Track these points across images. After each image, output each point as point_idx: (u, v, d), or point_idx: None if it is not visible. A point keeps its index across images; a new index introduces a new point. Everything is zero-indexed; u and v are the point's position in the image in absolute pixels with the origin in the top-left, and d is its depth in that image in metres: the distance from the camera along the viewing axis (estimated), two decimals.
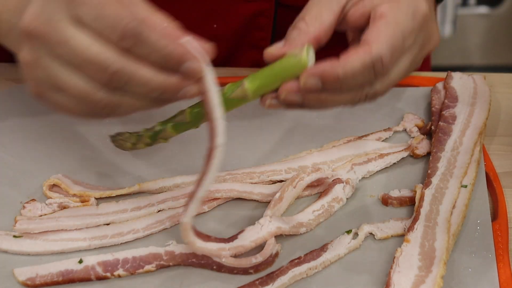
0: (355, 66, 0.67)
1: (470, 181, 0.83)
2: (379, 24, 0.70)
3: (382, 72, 0.69)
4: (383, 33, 0.69)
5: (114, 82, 0.64)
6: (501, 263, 0.75)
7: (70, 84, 0.65)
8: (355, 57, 0.67)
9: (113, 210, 0.82)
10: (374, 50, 0.68)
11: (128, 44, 0.63)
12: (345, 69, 0.67)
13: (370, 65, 0.68)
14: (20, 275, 0.75)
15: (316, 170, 0.84)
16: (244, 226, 0.80)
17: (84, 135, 0.93)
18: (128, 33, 0.62)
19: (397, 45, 0.69)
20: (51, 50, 0.64)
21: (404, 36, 0.70)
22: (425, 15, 0.73)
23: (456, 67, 1.08)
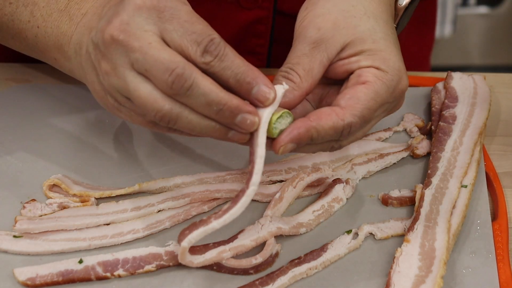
0: (326, 130, 0.70)
1: (470, 181, 0.83)
2: (358, 91, 0.72)
3: (348, 135, 0.72)
4: (360, 103, 0.71)
5: (176, 86, 0.65)
6: (501, 263, 0.75)
7: (139, 92, 0.67)
8: (328, 122, 0.70)
9: (113, 210, 0.82)
10: (347, 119, 0.71)
11: (209, 59, 0.66)
12: (318, 132, 0.70)
13: (340, 130, 0.71)
14: (20, 275, 0.75)
15: (316, 170, 0.84)
16: (244, 226, 0.80)
17: (84, 135, 0.93)
18: (211, 48, 0.66)
19: (369, 115, 0.72)
20: (128, 57, 0.67)
21: (378, 108, 0.73)
22: (404, 91, 0.75)
23: (456, 67, 1.08)
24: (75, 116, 0.95)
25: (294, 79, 0.72)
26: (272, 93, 0.68)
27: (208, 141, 0.91)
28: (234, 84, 0.67)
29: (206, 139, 0.92)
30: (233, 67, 0.67)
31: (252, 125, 0.68)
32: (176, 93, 0.66)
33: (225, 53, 0.67)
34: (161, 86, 0.66)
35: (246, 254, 0.77)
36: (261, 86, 0.68)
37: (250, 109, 0.68)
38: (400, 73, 0.74)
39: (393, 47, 0.75)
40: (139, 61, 0.66)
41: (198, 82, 0.66)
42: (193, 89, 0.66)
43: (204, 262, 0.74)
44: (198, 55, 0.66)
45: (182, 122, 0.68)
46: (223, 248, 0.75)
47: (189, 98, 0.66)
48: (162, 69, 0.65)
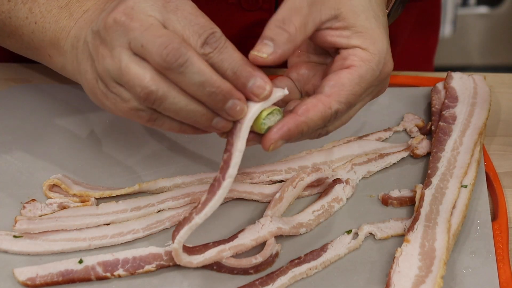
0: (316, 121, 0.70)
1: (470, 181, 0.83)
2: (342, 77, 0.72)
3: (334, 120, 0.73)
4: (344, 89, 0.71)
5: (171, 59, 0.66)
6: (501, 263, 0.75)
7: (128, 70, 0.67)
8: (316, 113, 0.70)
9: (113, 210, 0.82)
10: (334, 106, 0.71)
11: (208, 51, 0.67)
12: (308, 125, 0.70)
13: (328, 118, 0.71)
14: (20, 275, 0.75)
15: (316, 170, 0.84)
16: (244, 226, 0.80)
17: (84, 135, 0.93)
18: (211, 40, 0.67)
19: (354, 100, 0.72)
20: (126, 37, 0.67)
21: (363, 92, 0.73)
22: (389, 73, 0.75)
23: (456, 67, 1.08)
24: (75, 116, 0.95)
25: (289, 29, 0.70)
26: (268, 87, 0.68)
27: (208, 141, 0.91)
28: (232, 76, 0.68)
29: (205, 138, 0.92)
30: (231, 60, 0.67)
31: (241, 112, 0.69)
32: (169, 67, 0.66)
33: (224, 46, 0.67)
34: (155, 60, 0.66)
35: (246, 254, 0.77)
36: (258, 80, 0.68)
37: (241, 96, 0.68)
38: (387, 56, 0.74)
39: (383, 29, 0.74)
40: (137, 38, 0.67)
41: (193, 61, 0.66)
42: (187, 67, 0.66)
43: (204, 262, 0.74)
44: (198, 45, 0.67)
45: (168, 103, 0.68)
46: (223, 247, 0.75)
47: (182, 76, 0.66)
48: (158, 43, 0.66)
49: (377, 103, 0.96)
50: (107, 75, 0.70)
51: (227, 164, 0.69)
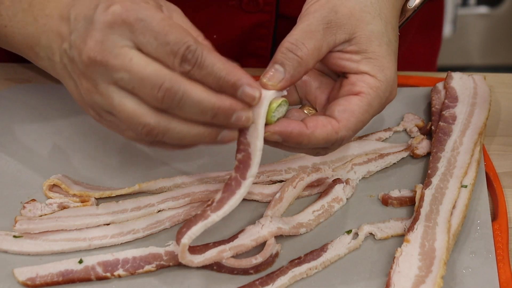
0: (319, 140, 0.70)
1: (470, 181, 0.83)
2: (352, 103, 0.72)
3: (338, 145, 0.73)
4: (354, 116, 0.71)
5: (167, 100, 0.65)
6: (501, 263, 0.75)
7: (123, 107, 0.66)
8: (322, 132, 0.70)
9: (113, 210, 0.82)
10: (341, 132, 0.71)
11: (187, 69, 0.65)
12: (310, 140, 0.70)
13: (332, 141, 0.71)
14: (20, 275, 0.75)
15: (316, 170, 0.84)
16: (244, 226, 0.80)
17: (84, 135, 0.92)
18: (188, 57, 0.65)
19: (361, 127, 0.73)
20: (110, 76, 0.66)
21: (370, 119, 0.74)
22: (391, 100, 0.76)
23: (456, 67, 1.08)
24: (75, 116, 0.95)
25: (302, 54, 0.70)
26: (257, 93, 0.67)
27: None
28: (218, 88, 0.66)
29: None
30: (213, 73, 0.66)
31: (247, 121, 0.68)
32: (168, 107, 0.65)
33: (203, 59, 0.65)
34: (151, 102, 0.65)
35: (246, 254, 0.77)
36: (245, 88, 0.67)
37: (243, 106, 0.67)
38: (393, 84, 0.74)
39: (393, 56, 0.75)
40: (125, 79, 0.65)
41: (188, 93, 0.65)
42: (185, 100, 0.65)
43: (204, 262, 0.74)
44: (176, 66, 0.65)
45: (172, 133, 0.67)
46: (223, 247, 0.75)
47: (181, 110, 0.66)
48: (150, 85, 0.65)
49: None
50: (97, 107, 0.69)
51: (246, 164, 0.69)
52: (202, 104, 0.66)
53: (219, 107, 0.66)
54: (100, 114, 0.70)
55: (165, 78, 0.65)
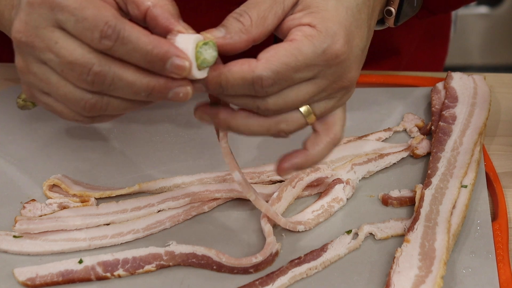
0: (236, 79, 0.66)
1: (470, 181, 0.83)
2: (280, 46, 0.67)
3: (262, 92, 0.67)
4: (276, 57, 0.66)
5: (97, 84, 0.63)
6: (501, 263, 0.75)
7: (58, 88, 0.65)
8: (238, 70, 0.66)
9: (113, 210, 0.82)
10: (258, 71, 0.66)
11: (109, 45, 0.62)
12: (227, 79, 0.66)
13: (250, 82, 0.66)
14: (20, 275, 0.75)
15: (315, 170, 0.84)
16: (244, 226, 0.80)
17: (84, 135, 0.93)
18: (107, 32, 0.62)
19: (286, 73, 0.66)
20: (38, 56, 0.65)
21: (299, 67, 0.67)
22: (337, 54, 0.68)
23: (456, 67, 1.08)
24: None
25: (244, 22, 0.67)
26: (186, 62, 0.64)
27: (208, 141, 0.91)
28: (145, 64, 0.64)
29: (206, 138, 0.92)
30: (139, 48, 0.63)
31: (187, 96, 0.65)
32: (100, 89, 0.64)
33: (125, 34, 0.62)
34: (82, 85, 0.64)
35: (246, 253, 0.77)
36: (174, 59, 0.64)
37: (179, 83, 0.65)
38: (336, 37, 0.67)
39: (343, 10, 0.69)
40: (53, 61, 0.64)
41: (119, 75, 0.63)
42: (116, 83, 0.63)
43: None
44: (96, 42, 0.62)
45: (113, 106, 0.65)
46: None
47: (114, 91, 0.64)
48: (79, 69, 0.63)
49: (377, 103, 0.96)
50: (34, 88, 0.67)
51: None
52: (134, 85, 0.64)
53: (153, 87, 0.64)
54: (36, 96, 0.68)
55: (93, 61, 0.63)
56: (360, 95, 0.96)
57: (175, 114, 0.95)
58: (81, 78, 0.63)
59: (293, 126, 0.70)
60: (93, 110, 0.66)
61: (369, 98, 0.96)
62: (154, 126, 0.94)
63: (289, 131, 0.70)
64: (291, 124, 0.70)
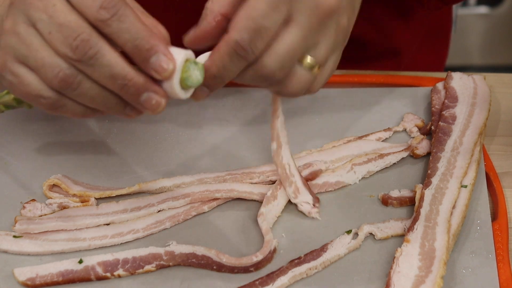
0: (224, 59, 0.64)
1: (470, 181, 0.83)
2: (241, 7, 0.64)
3: (251, 55, 0.64)
4: (238, 16, 0.64)
5: (80, 52, 0.62)
6: (501, 263, 0.75)
7: (37, 50, 0.64)
8: (220, 51, 0.64)
9: (113, 210, 0.82)
10: (231, 39, 0.63)
11: (105, 16, 0.62)
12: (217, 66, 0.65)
13: (234, 52, 0.64)
14: (20, 275, 0.75)
15: (308, 166, 0.84)
16: (243, 226, 0.80)
17: (84, 135, 0.93)
18: (108, 5, 0.61)
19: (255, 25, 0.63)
20: (31, 16, 0.64)
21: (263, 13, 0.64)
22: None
23: (456, 67, 1.08)
24: None
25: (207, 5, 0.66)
26: (171, 65, 0.63)
27: (208, 141, 0.91)
28: (132, 49, 0.63)
29: (206, 138, 0.92)
30: (132, 31, 0.62)
31: (158, 106, 0.65)
32: (79, 59, 0.63)
33: (125, 13, 0.62)
34: (64, 50, 0.63)
35: (245, 253, 0.77)
36: (160, 56, 0.63)
37: (157, 89, 0.64)
38: None
39: None
40: (43, 21, 0.63)
41: (103, 52, 0.63)
42: (97, 59, 0.62)
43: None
44: (94, 10, 0.61)
45: (84, 88, 0.64)
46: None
47: (92, 67, 0.63)
48: (67, 32, 0.62)
49: (377, 103, 0.96)
50: (10, 54, 0.65)
51: None
52: (114, 68, 0.63)
53: (131, 78, 0.63)
54: (7, 64, 0.66)
55: (84, 30, 0.62)
56: (360, 95, 0.96)
57: (175, 114, 0.95)
58: (66, 42, 0.62)
59: (301, 84, 0.68)
60: (63, 83, 0.64)
61: (369, 98, 0.96)
62: (154, 126, 0.94)
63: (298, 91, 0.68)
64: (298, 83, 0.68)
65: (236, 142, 0.91)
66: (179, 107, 0.96)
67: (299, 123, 0.93)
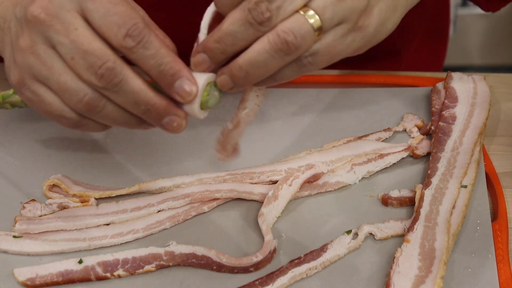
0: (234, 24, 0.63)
1: (470, 181, 0.83)
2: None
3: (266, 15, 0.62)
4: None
5: (105, 80, 0.63)
6: (501, 263, 0.75)
7: (60, 74, 0.64)
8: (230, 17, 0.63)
9: (113, 210, 0.82)
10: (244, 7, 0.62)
11: (131, 44, 0.62)
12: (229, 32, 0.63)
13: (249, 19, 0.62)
14: (20, 275, 0.75)
15: (310, 167, 0.84)
16: (244, 226, 0.80)
17: (84, 135, 0.93)
18: (134, 33, 0.62)
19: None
20: (50, 38, 0.64)
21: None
22: None
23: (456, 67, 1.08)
24: None
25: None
26: (194, 89, 0.65)
27: (208, 141, 0.91)
28: (156, 75, 0.64)
29: (206, 138, 0.92)
30: (157, 57, 0.63)
31: (179, 128, 0.67)
32: (104, 86, 0.63)
33: (149, 40, 0.63)
34: (89, 77, 0.63)
35: (245, 253, 0.77)
36: (184, 81, 0.64)
37: (178, 111, 0.66)
38: None
39: None
40: (65, 45, 0.63)
41: (128, 80, 0.64)
42: (122, 86, 0.63)
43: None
44: (119, 38, 0.62)
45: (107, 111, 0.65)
46: None
47: (116, 94, 0.64)
48: (93, 60, 0.63)
49: (377, 103, 0.96)
50: (28, 73, 0.66)
51: None
52: (138, 95, 0.64)
53: (154, 103, 0.65)
54: (26, 82, 0.66)
55: (109, 57, 0.63)
56: (360, 95, 0.96)
57: None
58: (91, 70, 0.63)
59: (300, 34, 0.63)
60: (88, 107, 0.65)
61: (369, 98, 0.96)
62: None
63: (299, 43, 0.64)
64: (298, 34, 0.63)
65: None
66: None
67: (299, 123, 0.93)
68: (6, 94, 0.75)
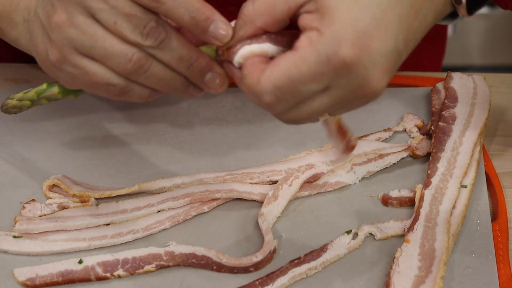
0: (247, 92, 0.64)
1: (470, 181, 0.83)
2: (284, 57, 0.62)
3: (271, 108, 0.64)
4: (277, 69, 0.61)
5: (152, 38, 0.64)
6: (501, 263, 0.75)
7: (104, 40, 0.65)
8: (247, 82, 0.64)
9: (113, 211, 0.82)
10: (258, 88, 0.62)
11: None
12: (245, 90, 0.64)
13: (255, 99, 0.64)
14: (20, 275, 0.75)
15: (310, 167, 0.84)
16: (244, 226, 0.80)
17: (84, 135, 0.93)
18: None
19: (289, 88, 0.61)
20: (88, 7, 0.64)
21: (304, 80, 0.61)
22: (344, 60, 0.60)
23: (456, 67, 1.08)
24: (75, 116, 0.95)
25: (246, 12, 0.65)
26: (229, 30, 0.65)
27: (208, 141, 0.91)
28: (190, 22, 0.64)
29: (206, 138, 0.92)
30: (186, 5, 0.64)
31: (221, 85, 0.68)
32: (152, 43, 0.65)
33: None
34: (135, 38, 0.64)
35: (245, 253, 0.77)
36: (218, 23, 0.65)
37: (220, 69, 0.67)
38: (342, 41, 0.59)
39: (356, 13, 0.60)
40: (106, 11, 0.64)
41: (171, 36, 0.65)
42: (167, 42, 0.65)
43: None
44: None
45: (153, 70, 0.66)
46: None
47: (162, 51, 0.65)
48: (136, 22, 0.64)
49: (377, 103, 0.95)
50: (69, 46, 0.66)
51: None
52: (182, 50, 0.65)
53: (197, 57, 0.66)
54: (68, 56, 0.66)
55: (151, 17, 0.64)
56: None
57: (175, 114, 0.95)
58: (136, 31, 0.64)
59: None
60: (136, 66, 0.66)
61: None
62: (154, 127, 0.94)
63: None
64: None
65: (236, 142, 0.91)
66: (179, 107, 0.96)
67: None
68: (40, 89, 0.75)
